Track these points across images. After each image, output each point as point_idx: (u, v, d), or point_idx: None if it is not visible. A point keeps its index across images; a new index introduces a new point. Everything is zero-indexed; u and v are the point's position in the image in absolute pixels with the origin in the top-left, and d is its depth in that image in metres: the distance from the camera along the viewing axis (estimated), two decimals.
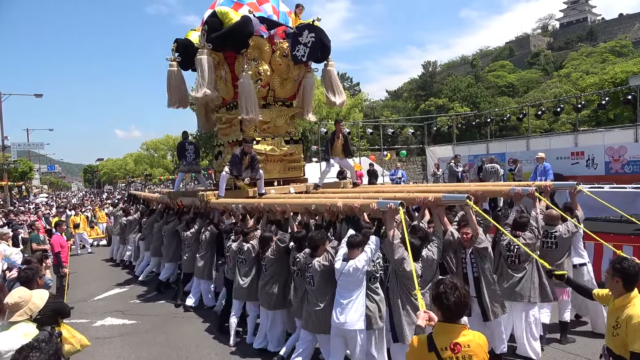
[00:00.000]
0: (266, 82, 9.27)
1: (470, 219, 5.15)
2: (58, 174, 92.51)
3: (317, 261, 5.11)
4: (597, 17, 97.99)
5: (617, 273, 3.27)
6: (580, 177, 14.30)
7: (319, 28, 9.06)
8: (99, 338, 7.04)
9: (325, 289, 5.06)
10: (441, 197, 5.22)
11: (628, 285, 3.24)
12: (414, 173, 27.46)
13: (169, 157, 75.84)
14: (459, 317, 2.75)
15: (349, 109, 32.86)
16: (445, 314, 2.74)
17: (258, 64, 9.00)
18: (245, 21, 8.47)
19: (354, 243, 4.74)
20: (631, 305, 3.17)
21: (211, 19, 8.84)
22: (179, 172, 11.63)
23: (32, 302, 3.82)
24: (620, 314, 3.19)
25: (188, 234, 8.63)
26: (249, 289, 6.44)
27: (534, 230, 5.40)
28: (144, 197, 13.96)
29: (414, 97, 66.33)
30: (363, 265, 4.64)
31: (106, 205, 24.66)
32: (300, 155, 10.28)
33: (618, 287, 3.28)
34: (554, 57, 78.15)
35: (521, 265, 5.39)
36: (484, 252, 5.17)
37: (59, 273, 8.79)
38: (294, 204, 6.63)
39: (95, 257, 15.37)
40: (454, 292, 2.70)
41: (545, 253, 5.66)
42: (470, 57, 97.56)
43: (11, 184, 36.53)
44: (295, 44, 8.94)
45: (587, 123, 37.72)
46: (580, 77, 52.37)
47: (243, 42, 8.68)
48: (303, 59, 9.16)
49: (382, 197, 5.64)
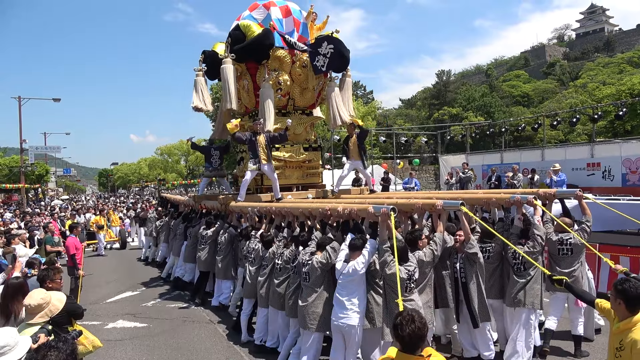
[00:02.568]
0: (286, 92, 9.65)
1: (463, 224, 5.40)
2: (73, 177, 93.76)
3: (315, 258, 5.41)
4: (614, 28, 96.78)
5: (619, 295, 3.22)
6: (596, 188, 14.10)
7: (337, 39, 9.39)
8: (110, 340, 7.10)
9: (319, 285, 5.39)
10: (435, 203, 5.43)
11: (631, 307, 3.16)
12: (426, 182, 27.36)
13: (182, 163, 76.46)
14: (414, 349, 2.75)
15: (362, 117, 32.90)
16: (401, 344, 2.78)
17: (278, 74, 9.38)
18: (266, 34, 8.94)
19: (355, 246, 5.04)
20: (636, 329, 3.09)
21: (234, 32, 9.35)
22: (203, 176, 11.99)
23: (52, 303, 3.86)
24: (625, 337, 3.12)
25: (209, 232, 9.01)
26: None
27: (536, 238, 5.53)
28: (174, 199, 14.45)
29: (428, 106, 66.04)
30: (361, 267, 4.95)
31: (120, 209, 24.92)
32: (318, 162, 10.60)
33: (621, 309, 3.21)
34: (570, 68, 77.29)
35: (526, 272, 5.50)
36: (473, 257, 5.35)
37: (74, 275, 8.90)
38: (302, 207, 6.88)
39: (109, 260, 15.53)
40: (409, 325, 2.74)
41: (561, 259, 5.81)
42: (485, 66, 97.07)
43: (28, 187, 37.12)
44: (314, 54, 9.27)
45: (604, 134, 37.11)
46: (597, 87, 51.57)
47: (264, 53, 9.12)
48: (323, 69, 9.47)
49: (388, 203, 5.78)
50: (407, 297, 4.73)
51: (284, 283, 6.13)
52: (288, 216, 7.00)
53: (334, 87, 9.85)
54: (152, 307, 9.14)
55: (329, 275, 5.47)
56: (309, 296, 5.40)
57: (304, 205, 7.08)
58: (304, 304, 5.42)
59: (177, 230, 11.21)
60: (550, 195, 6.25)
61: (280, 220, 7.23)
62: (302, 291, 5.58)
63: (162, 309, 8.91)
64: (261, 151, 8.55)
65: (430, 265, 5.27)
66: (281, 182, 9.25)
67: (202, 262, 9.08)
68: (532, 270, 5.46)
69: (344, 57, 9.49)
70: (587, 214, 5.98)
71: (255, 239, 7.06)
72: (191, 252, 9.86)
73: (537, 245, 5.49)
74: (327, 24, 10.29)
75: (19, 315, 4.19)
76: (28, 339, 3.31)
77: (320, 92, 10.30)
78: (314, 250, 5.59)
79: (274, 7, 9.57)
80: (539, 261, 5.46)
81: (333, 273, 5.33)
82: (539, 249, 5.51)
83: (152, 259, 14.49)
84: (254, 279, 6.84)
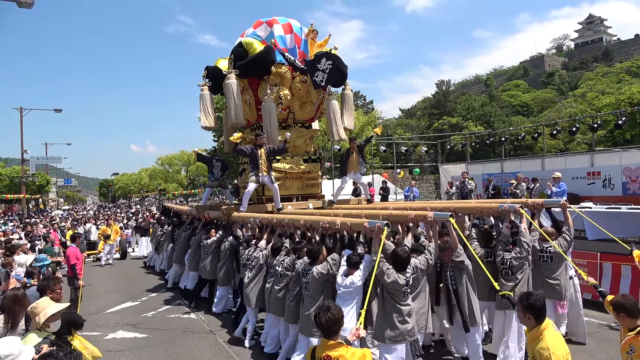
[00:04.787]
0: (287, 106, 9.96)
1: (451, 234, 5.67)
2: (74, 188, 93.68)
3: (315, 269, 5.67)
4: (612, 38, 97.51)
5: (527, 309, 3.43)
6: (597, 197, 14.10)
7: (335, 55, 9.72)
8: (110, 351, 7.07)
9: (320, 294, 5.64)
10: (426, 215, 5.78)
11: (538, 317, 3.40)
12: (427, 191, 27.34)
13: (183, 173, 76.52)
14: (330, 334, 3.34)
15: (362, 127, 32.99)
16: (321, 330, 3.43)
17: (279, 89, 9.70)
18: (267, 51, 9.34)
19: (352, 262, 5.40)
20: (542, 338, 3.31)
21: (237, 49, 9.72)
22: (206, 187, 12.33)
23: (43, 312, 3.84)
24: (534, 347, 3.34)
25: (209, 242, 9.27)
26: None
27: (523, 245, 5.85)
28: (176, 209, 14.66)
29: (428, 116, 66.35)
30: (359, 280, 5.33)
31: (119, 218, 24.91)
32: (317, 173, 10.86)
33: (531, 322, 3.44)
34: (569, 77, 77.70)
35: (513, 276, 5.79)
36: (460, 265, 5.66)
37: (74, 285, 8.88)
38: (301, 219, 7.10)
39: (109, 270, 15.50)
40: (325, 314, 3.35)
41: (542, 266, 6.14)
42: (484, 76, 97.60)
43: (29, 197, 37.15)
44: (314, 70, 9.59)
45: (604, 143, 37.12)
46: (596, 97, 51.78)
47: (265, 69, 9.48)
48: (322, 83, 9.77)
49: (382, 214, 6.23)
50: (404, 301, 5.11)
51: (283, 290, 6.37)
52: (288, 227, 7.25)
53: (332, 102, 10.17)
54: (152, 317, 9.11)
55: (329, 284, 5.73)
56: (311, 305, 5.62)
57: (303, 217, 7.26)
58: (307, 313, 5.63)
59: (180, 239, 11.45)
60: (539, 205, 6.61)
61: (281, 230, 7.47)
62: (304, 300, 5.83)
63: (162, 320, 8.88)
64: (262, 163, 8.81)
65: (425, 273, 5.61)
66: (282, 193, 9.53)
67: (207, 271, 9.29)
68: (519, 274, 5.77)
69: (342, 73, 9.83)
70: (569, 223, 6.29)
71: (258, 249, 7.28)
72: (193, 261, 10.10)
73: (524, 251, 5.82)
74: (328, 42, 10.66)
75: (19, 324, 4.19)
76: (31, 348, 3.32)
77: (320, 105, 10.61)
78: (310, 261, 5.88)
79: (276, 25, 9.93)
80: (526, 266, 5.82)
81: (333, 283, 5.63)
82: (525, 254, 5.83)
83: (152, 265, 14.89)
84: (253, 286, 7.07)
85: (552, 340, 3.26)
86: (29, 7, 15.06)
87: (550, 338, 3.28)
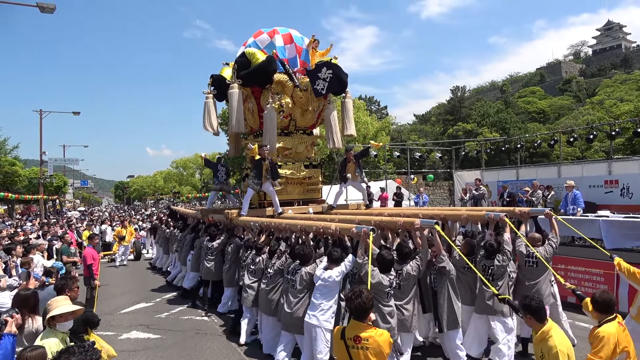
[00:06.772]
0: (288, 113, 10.33)
1: (436, 241, 5.92)
2: (90, 189, 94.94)
3: (304, 269, 5.98)
4: (631, 44, 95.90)
5: (526, 311, 3.74)
6: (615, 206, 13.83)
7: (336, 65, 10.05)
8: (124, 351, 7.15)
9: (305, 293, 5.92)
10: (415, 222, 6.03)
11: (538, 317, 3.68)
12: (440, 197, 27.12)
13: (197, 176, 77.18)
14: (361, 318, 3.56)
15: (377, 132, 32.94)
16: (352, 314, 3.64)
17: (281, 97, 10.09)
18: (270, 61, 9.72)
19: (333, 258, 5.65)
20: (550, 337, 3.57)
21: (240, 59, 10.11)
22: (211, 190, 12.66)
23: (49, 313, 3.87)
24: (543, 346, 3.59)
25: (214, 244, 9.51)
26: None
27: (506, 253, 6.08)
28: (182, 212, 14.98)
29: (442, 122, 65.94)
30: (337, 275, 5.56)
31: (134, 220, 25.19)
32: (318, 179, 11.16)
33: (533, 323, 3.73)
34: (587, 84, 76.58)
35: (494, 283, 5.95)
36: (442, 271, 5.95)
37: (90, 285, 9.02)
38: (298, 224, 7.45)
39: (123, 271, 15.69)
40: (357, 299, 3.56)
41: (527, 270, 6.35)
42: (500, 82, 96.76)
43: (46, 198, 37.78)
44: (315, 79, 9.95)
45: (622, 151, 36.48)
46: (614, 104, 50.93)
47: (268, 78, 9.85)
48: (322, 92, 10.10)
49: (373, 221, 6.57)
50: (387, 302, 5.36)
51: (273, 290, 6.67)
52: (285, 231, 7.61)
53: (332, 110, 10.44)
54: (166, 318, 9.20)
55: (313, 285, 5.96)
56: (294, 302, 5.93)
57: (300, 222, 7.56)
58: (289, 311, 5.94)
59: (185, 241, 11.73)
60: (525, 214, 6.86)
61: (279, 234, 7.79)
62: (288, 297, 6.08)
63: (175, 321, 8.97)
64: (264, 174, 9.28)
65: (415, 279, 5.82)
66: (283, 197, 9.96)
67: (211, 273, 9.51)
68: (499, 282, 6.01)
69: (342, 81, 10.14)
70: (554, 231, 6.52)
71: (260, 252, 7.55)
72: (195, 262, 10.33)
73: (506, 259, 6.06)
74: (330, 51, 10.94)
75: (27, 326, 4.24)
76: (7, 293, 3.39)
77: (320, 113, 10.91)
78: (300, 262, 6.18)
79: (277, 35, 10.29)
80: (507, 273, 6.06)
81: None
82: (507, 262, 6.08)
83: (159, 266, 15.22)
84: (253, 289, 7.36)
85: (558, 339, 3.54)
86: (51, 12, 15.44)
87: (556, 337, 3.56)
